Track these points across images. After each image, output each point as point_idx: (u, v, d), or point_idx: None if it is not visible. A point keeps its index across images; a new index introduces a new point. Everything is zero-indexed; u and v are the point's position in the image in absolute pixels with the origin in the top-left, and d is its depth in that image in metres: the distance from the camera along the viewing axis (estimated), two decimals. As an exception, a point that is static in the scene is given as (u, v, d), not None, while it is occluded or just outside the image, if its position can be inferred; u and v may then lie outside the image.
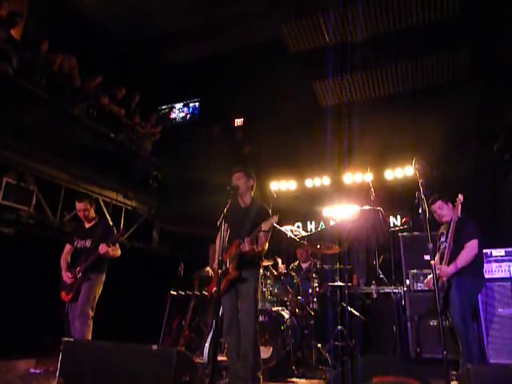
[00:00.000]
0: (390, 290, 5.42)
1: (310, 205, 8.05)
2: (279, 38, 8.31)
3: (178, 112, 11.11)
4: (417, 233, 5.53)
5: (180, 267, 6.33)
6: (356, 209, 6.42)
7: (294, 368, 4.36)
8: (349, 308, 5.08)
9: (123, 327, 5.95)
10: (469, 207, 4.06)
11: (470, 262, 3.78)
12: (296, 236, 5.79)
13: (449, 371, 2.87)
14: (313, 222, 8.18)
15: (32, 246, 5.83)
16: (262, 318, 4.54)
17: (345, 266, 5.33)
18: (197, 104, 10.95)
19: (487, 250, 4.87)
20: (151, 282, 6.92)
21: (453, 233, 3.86)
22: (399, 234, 5.65)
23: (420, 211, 3.33)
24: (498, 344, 4.55)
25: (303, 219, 8.20)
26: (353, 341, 4.92)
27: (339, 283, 5.17)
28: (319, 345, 4.77)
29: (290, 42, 8.35)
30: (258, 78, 8.70)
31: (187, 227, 8.07)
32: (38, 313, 5.55)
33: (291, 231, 6.01)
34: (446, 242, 3.93)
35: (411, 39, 7.53)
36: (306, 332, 4.84)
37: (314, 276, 5.16)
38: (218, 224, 3.31)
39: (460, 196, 3.97)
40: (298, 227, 8.07)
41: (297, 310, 4.92)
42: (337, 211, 7.60)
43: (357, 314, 5.22)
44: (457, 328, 3.71)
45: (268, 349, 4.36)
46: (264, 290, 4.91)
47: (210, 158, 7.89)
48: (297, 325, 4.78)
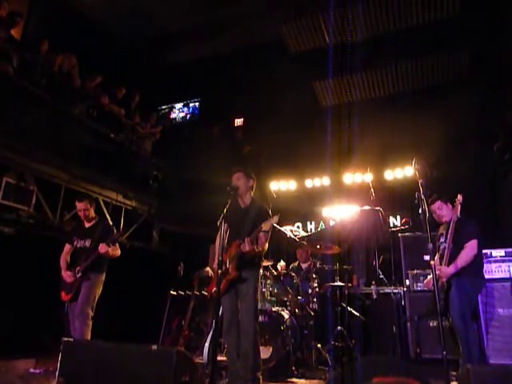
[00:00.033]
0: (390, 291, 5.43)
1: (310, 205, 8.05)
2: (279, 38, 8.30)
3: (178, 112, 11.11)
4: (417, 233, 5.53)
5: (180, 267, 6.34)
6: (356, 209, 6.42)
7: (294, 368, 4.36)
8: (349, 308, 5.08)
9: (123, 327, 5.95)
10: (469, 207, 4.06)
11: (470, 263, 3.78)
12: (296, 236, 5.79)
13: (449, 371, 2.86)
14: (313, 223, 8.17)
15: (32, 246, 5.83)
16: (262, 318, 4.54)
17: (345, 267, 5.33)
18: (197, 104, 10.95)
19: (487, 251, 4.87)
20: (151, 282, 6.92)
21: (452, 233, 3.86)
22: (399, 235, 5.66)
23: (420, 211, 3.32)
24: (498, 344, 4.55)
25: (303, 219, 8.20)
26: (353, 341, 4.92)
27: (339, 283, 5.17)
28: (319, 345, 4.77)
29: (290, 42, 8.35)
30: (258, 78, 8.70)
31: (187, 227, 8.07)
32: (38, 313, 5.55)
33: (291, 231, 6.01)
34: (446, 243, 3.93)
35: (411, 39, 7.53)
36: (306, 332, 4.84)
37: (314, 276, 5.17)
38: (218, 224, 3.31)
39: (459, 196, 3.97)
40: (298, 227, 8.06)
41: (296, 310, 4.92)
42: (337, 211, 7.61)
43: (357, 315, 5.23)
44: (457, 328, 3.72)
45: (268, 349, 4.36)
46: (264, 290, 4.90)
47: (210, 158, 7.89)
48: (297, 325, 4.78)
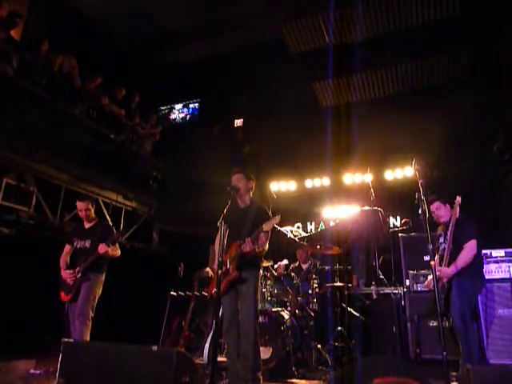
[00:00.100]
0: (390, 291, 5.42)
1: (310, 205, 8.06)
2: (279, 38, 8.30)
3: (178, 113, 11.12)
4: (417, 233, 5.52)
5: (180, 268, 6.34)
6: (356, 209, 6.42)
7: (294, 369, 4.36)
8: (349, 309, 5.08)
9: (123, 327, 5.95)
10: (469, 207, 4.06)
11: (470, 263, 3.78)
12: (296, 237, 5.79)
13: (449, 372, 2.86)
14: (313, 223, 8.17)
15: (32, 247, 5.83)
16: (262, 319, 4.54)
17: (345, 267, 5.33)
18: (197, 105, 10.95)
19: (487, 251, 4.86)
20: (151, 283, 6.92)
21: (452, 233, 3.86)
22: (399, 235, 5.65)
23: (420, 212, 3.32)
24: (498, 344, 4.55)
25: (303, 220, 8.20)
26: (353, 341, 4.92)
27: (339, 284, 5.16)
28: (319, 345, 4.77)
29: (290, 42, 8.34)
30: (258, 78, 8.70)
31: (187, 227, 8.06)
32: (38, 313, 5.55)
33: (291, 232, 6.01)
34: (445, 243, 3.93)
35: (411, 39, 7.52)
36: (306, 332, 4.84)
37: (314, 277, 5.16)
38: (218, 225, 3.31)
39: (458, 198, 3.97)
40: (298, 228, 8.06)
41: (297, 311, 4.92)
42: (337, 212, 7.61)
43: (357, 315, 5.22)
44: (457, 328, 3.72)
45: (268, 349, 4.36)
46: (264, 291, 4.90)
47: (210, 159, 7.89)
48: (297, 325, 4.78)
